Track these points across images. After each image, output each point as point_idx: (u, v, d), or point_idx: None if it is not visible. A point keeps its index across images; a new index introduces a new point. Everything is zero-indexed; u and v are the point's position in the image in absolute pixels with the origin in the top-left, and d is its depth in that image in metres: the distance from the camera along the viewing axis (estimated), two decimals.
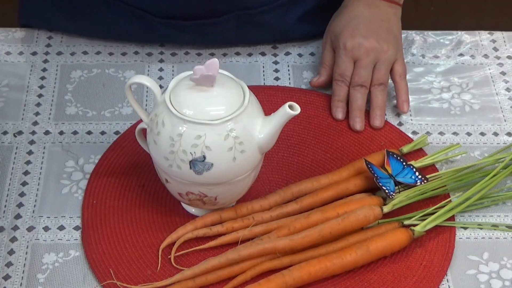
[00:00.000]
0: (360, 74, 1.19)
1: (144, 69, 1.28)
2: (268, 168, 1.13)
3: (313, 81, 1.23)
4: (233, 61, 1.29)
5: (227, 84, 1.01)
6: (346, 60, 1.19)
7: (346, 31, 1.20)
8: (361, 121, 1.18)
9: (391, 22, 1.22)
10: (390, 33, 1.21)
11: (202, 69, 0.98)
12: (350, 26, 1.20)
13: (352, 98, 1.19)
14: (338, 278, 1.02)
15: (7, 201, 1.10)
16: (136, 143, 1.09)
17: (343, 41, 1.19)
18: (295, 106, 0.99)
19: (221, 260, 1.01)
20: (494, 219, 1.11)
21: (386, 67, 1.20)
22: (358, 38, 1.19)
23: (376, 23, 1.21)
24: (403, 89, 1.21)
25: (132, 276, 1.02)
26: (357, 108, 1.19)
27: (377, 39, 1.19)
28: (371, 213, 1.04)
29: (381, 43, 1.19)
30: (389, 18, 1.22)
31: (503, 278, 1.04)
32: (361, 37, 1.19)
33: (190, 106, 0.98)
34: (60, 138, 1.17)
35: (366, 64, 1.19)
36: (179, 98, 0.99)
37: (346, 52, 1.19)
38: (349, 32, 1.19)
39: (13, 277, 1.02)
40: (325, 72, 1.23)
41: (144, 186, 1.11)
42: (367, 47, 1.19)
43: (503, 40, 1.34)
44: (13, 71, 1.26)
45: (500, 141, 1.20)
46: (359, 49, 1.19)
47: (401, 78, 1.21)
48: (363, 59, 1.19)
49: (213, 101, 0.99)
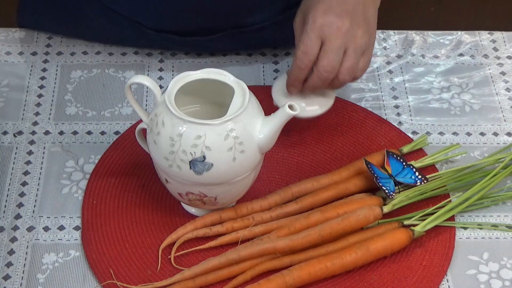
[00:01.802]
0: (329, 58, 1.06)
1: (144, 69, 1.28)
2: (268, 168, 1.13)
3: (288, 70, 1.12)
4: (233, 61, 1.29)
5: None
6: (312, 37, 1.06)
7: (318, 6, 1.06)
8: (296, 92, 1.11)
9: (367, 7, 1.09)
10: (365, 19, 1.09)
11: None
12: (324, 2, 1.07)
13: (312, 81, 1.08)
14: (338, 278, 1.03)
15: (7, 201, 1.10)
16: (136, 143, 1.09)
17: (313, 16, 1.06)
18: (295, 106, 0.99)
19: (221, 260, 1.01)
20: (494, 219, 1.11)
21: (358, 56, 1.08)
22: (330, 15, 1.06)
23: (352, 4, 1.08)
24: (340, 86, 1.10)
25: (132, 276, 1.02)
26: (311, 89, 1.10)
27: (351, 21, 1.06)
28: (371, 213, 1.04)
29: (355, 26, 1.07)
30: (365, 2, 1.09)
31: (503, 278, 1.04)
32: (334, 15, 1.06)
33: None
34: (60, 138, 1.17)
35: (336, 48, 1.06)
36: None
37: (314, 28, 1.06)
38: (321, 7, 1.06)
39: (13, 277, 1.02)
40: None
41: (144, 186, 1.11)
42: (339, 26, 1.05)
43: (503, 40, 1.34)
44: (13, 71, 1.26)
45: (500, 141, 1.20)
46: (330, 27, 1.05)
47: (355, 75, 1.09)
48: (333, 41, 1.06)
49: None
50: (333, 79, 1.08)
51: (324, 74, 1.07)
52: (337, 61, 1.07)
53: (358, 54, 1.08)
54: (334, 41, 1.06)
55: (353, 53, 1.07)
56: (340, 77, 1.08)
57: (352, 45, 1.07)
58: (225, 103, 1.02)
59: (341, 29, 1.06)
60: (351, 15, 1.07)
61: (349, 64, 1.07)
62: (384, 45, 1.32)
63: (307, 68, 1.08)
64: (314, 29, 1.06)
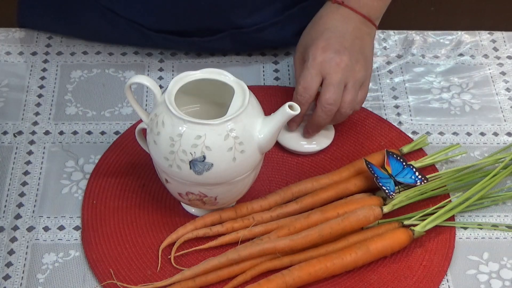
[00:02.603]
0: (330, 91, 1.09)
1: (144, 69, 1.28)
2: (268, 168, 1.13)
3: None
4: (233, 61, 1.29)
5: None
6: (313, 73, 1.09)
7: (317, 43, 1.10)
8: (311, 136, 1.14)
9: (364, 41, 1.13)
10: (362, 53, 1.12)
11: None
12: (322, 38, 1.10)
13: (317, 117, 1.10)
14: (338, 278, 1.03)
15: (7, 201, 1.10)
16: (136, 143, 1.09)
17: (313, 53, 1.09)
18: (295, 106, 0.99)
19: (221, 260, 1.01)
20: (494, 219, 1.11)
21: (357, 90, 1.11)
22: (330, 52, 1.09)
23: (350, 40, 1.11)
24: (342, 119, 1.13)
25: (132, 276, 1.02)
26: (318, 127, 1.12)
27: (349, 57, 1.10)
28: (371, 213, 1.04)
29: (353, 61, 1.10)
30: (363, 36, 1.13)
31: (503, 278, 1.04)
32: (333, 52, 1.09)
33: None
34: (60, 138, 1.17)
35: (337, 82, 1.09)
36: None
37: (314, 65, 1.09)
38: (320, 44, 1.10)
39: (13, 277, 1.02)
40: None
41: (144, 186, 1.11)
42: (338, 62, 1.09)
43: (503, 40, 1.34)
44: (13, 71, 1.26)
45: (500, 141, 1.20)
46: (329, 63, 1.09)
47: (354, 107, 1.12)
48: (333, 76, 1.09)
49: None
50: (335, 113, 1.10)
51: (327, 107, 1.09)
52: (339, 94, 1.09)
53: (357, 87, 1.11)
54: (334, 75, 1.09)
55: (352, 87, 1.10)
56: (342, 111, 1.11)
57: (351, 80, 1.10)
58: (225, 103, 1.02)
59: (340, 65, 1.09)
60: (349, 50, 1.10)
61: (349, 97, 1.10)
62: (384, 45, 1.32)
63: (307, 103, 1.10)
64: (314, 65, 1.09)
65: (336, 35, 1.11)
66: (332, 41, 1.10)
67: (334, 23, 1.12)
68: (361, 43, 1.12)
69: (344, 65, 1.09)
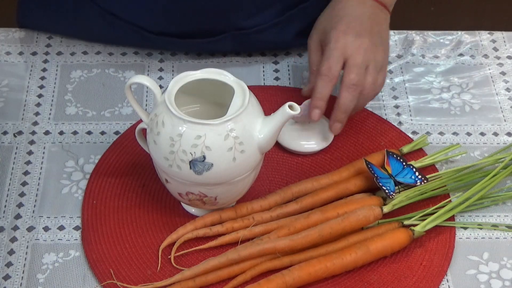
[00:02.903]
0: (354, 72, 1.10)
1: (144, 69, 1.28)
2: (268, 168, 1.13)
3: (304, 92, 1.17)
4: (233, 61, 1.29)
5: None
6: (336, 55, 1.11)
7: (338, 27, 1.12)
8: (342, 127, 1.13)
9: (381, 26, 1.16)
10: (380, 37, 1.15)
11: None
12: (342, 22, 1.12)
13: (343, 99, 1.11)
14: (338, 278, 1.03)
15: (7, 201, 1.10)
16: (136, 143, 1.09)
17: (335, 36, 1.11)
18: (295, 106, 0.99)
19: (221, 260, 1.01)
20: (494, 219, 1.11)
21: (378, 72, 1.13)
22: (351, 35, 1.12)
23: (369, 24, 1.14)
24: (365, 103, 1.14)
25: (132, 276, 1.02)
26: (345, 112, 1.12)
27: (369, 39, 1.12)
28: (371, 213, 1.04)
29: (373, 44, 1.13)
30: (380, 21, 1.16)
31: (503, 278, 1.04)
32: (354, 35, 1.12)
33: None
34: (60, 138, 1.17)
35: (360, 63, 1.11)
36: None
37: (337, 47, 1.11)
38: (341, 28, 1.12)
39: (13, 277, 1.02)
40: (314, 78, 1.14)
41: (144, 186, 1.11)
42: (360, 45, 1.11)
43: (503, 40, 1.34)
44: (13, 71, 1.26)
45: (500, 141, 1.20)
46: (352, 45, 1.11)
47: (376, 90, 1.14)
48: (356, 57, 1.11)
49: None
50: (358, 96, 1.11)
51: (352, 87, 1.10)
52: (362, 75, 1.11)
53: (377, 69, 1.13)
54: (357, 57, 1.11)
55: (374, 69, 1.12)
56: (364, 92, 1.12)
57: (372, 62, 1.12)
58: (225, 103, 1.02)
59: (361, 47, 1.11)
60: (369, 34, 1.12)
61: (371, 79, 1.12)
62: None
63: (331, 83, 1.11)
64: (337, 48, 1.11)
65: (356, 19, 1.13)
66: (353, 25, 1.12)
67: (352, 8, 1.14)
68: (378, 28, 1.15)
69: (365, 47, 1.11)
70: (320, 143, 1.16)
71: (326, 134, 1.16)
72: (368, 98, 1.14)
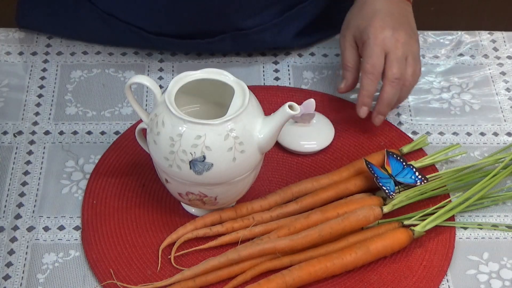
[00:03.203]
0: (395, 66, 1.13)
1: (144, 69, 1.28)
2: (268, 168, 1.13)
3: (340, 88, 1.18)
4: (233, 61, 1.29)
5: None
6: (377, 51, 1.13)
7: (374, 23, 1.14)
8: (384, 118, 1.16)
9: (409, 18, 1.19)
10: (412, 29, 1.17)
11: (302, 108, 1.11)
12: (377, 18, 1.15)
13: (386, 93, 1.13)
14: (338, 278, 1.02)
15: (7, 201, 1.10)
16: (136, 143, 1.09)
17: (373, 32, 1.14)
18: (295, 106, 0.99)
19: (221, 260, 1.01)
20: (494, 219, 1.11)
21: (416, 63, 1.15)
22: (388, 29, 1.14)
23: (400, 17, 1.17)
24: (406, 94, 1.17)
25: (132, 276, 1.02)
26: (388, 105, 1.14)
27: (405, 32, 1.15)
28: (371, 213, 1.04)
29: (408, 36, 1.15)
30: (407, 14, 1.19)
31: (503, 278, 1.04)
32: (391, 29, 1.14)
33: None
34: (60, 138, 1.17)
35: (400, 57, 1.13)
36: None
37: (376, 43, 1.13)
38: (378, 24, 1.14)
39: (13, 277, 1.02)
40: (351, 75, 1.17)
41: (144, 186, 1.11)
42: (398, 38, 1.14)
43: (503, 40, 1.34)
44: (13, 71, 1.26)
45: (500, 141, 1.20)
46: (390, 40, 1.14)
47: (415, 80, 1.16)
48: (396, 51, 1.13)
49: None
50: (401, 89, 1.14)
51: (395, 81, 1.13)
52: (403, 68, 1.14)
53: (416, 60, 1.15)
54: (397, 51, 1.13)
55: (413, 60, 1.15)
56: (407, 83, 1.14)
57: (411, 54, 1.15)
58: (225, 103, 1.02)
59: (399, 41, 1.14)
60: (403, 27, 1.16)
61: (411, 70, 1.15)
62: None
63: (377, 80, 1.14)
64: (376, 43, 1.13)
65: (388, 14, 1.16)
66: (387, 20, 1.15)
67: (381, 5, 1.17)
68: (407, 20, 1.18)
69: (403, 40, 1.14)
70: (320, 143, 1.16)
71: (326, 134, 1.16)
72: (409, 89, 1.16)
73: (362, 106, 1.14)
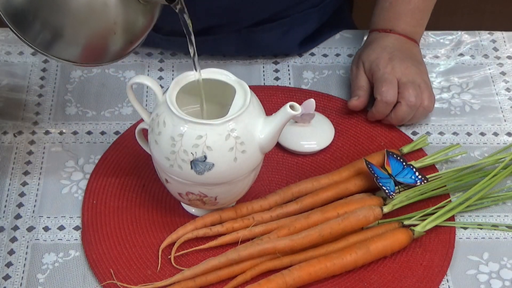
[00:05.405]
0: (410, 87, 1.17)
1: (144, 69, 1.28)
2: (268, 168, 1.13)
3: (353, 102, 1.19)
4: (233, 61, 1.29)
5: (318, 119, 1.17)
6: (389, 78, 1.18)
7: (383, 55, 1.20)
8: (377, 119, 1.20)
9: (417, 55, 1.23)
10: (420, 62, 1.22)
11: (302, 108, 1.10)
12: (385, 53, 1.20)
13: (402, 112, 1.17)
14: (338, 278, 1.03)
15: (7, 201, 1.10)
16: (136, 143, 1.09)
17: (382, 64, 1.19)
18: (296, 106, 0.99)
19: (221, 260, 1.01)
20: (494, 219, 1.11)
21: (430, 90, 1.19)
22: (396, 60, 1.19)
23: (407, 52, 1.22)
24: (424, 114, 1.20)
25: (132, 276, 1.02)
26: (398, 122, 1.19)
27: (412, 63, 1.20)
28: (371, 213, 1.04)
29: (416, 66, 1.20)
30: (414, 52, 1.23)
31: (503, 278, 1.04)
32: (398, 61, 1.19)
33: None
34: (60, 138, 1.17)
35: (412, 80, 1.18)
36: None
37: (386, 72, 1.18)
38: (386, 57, 1.19)
39: (13, 277, 1.02)
40: (364, 93, 1.20)
41: (145, 186, 1.11)
42: (406, 67, 1.19)
43: (503, 40, 1.34)
44: (13, 71, 1.26)
45: (500, 141, 1.20)
46: (399, 68, 1.18)
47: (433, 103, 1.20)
48: (407, 76, 1.18)
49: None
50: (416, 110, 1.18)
51: (412, 101, 1.17)
52: (418, 90, 1.18)
53: (428, 87, 1.19)
54: (408, 76, 1.18)
55: (426, 87, 1.19)
56: (424, 103, 1.18)
57: (422, 82, 1.19)
58: (226, 103, 1.02)
59: (408, 68, 1.19)
60: (411, 60, 1.21)
61: (428, 93, 1.18)
62: None
63: (389, 107, 1.17)
64: (386, 72, 1.18)
65: (397, 49, 1.21)
66: (395, 53, 1.20)
67: (388, 43, 1.22)
68: (415, 56, 1.23)
69: (411, 70, 1.19)
70: (320, 143, 1.16)
71: (326, 134, 1.16)
72: (425, 113, 1.19)
73: (377, 114, 1.19)
